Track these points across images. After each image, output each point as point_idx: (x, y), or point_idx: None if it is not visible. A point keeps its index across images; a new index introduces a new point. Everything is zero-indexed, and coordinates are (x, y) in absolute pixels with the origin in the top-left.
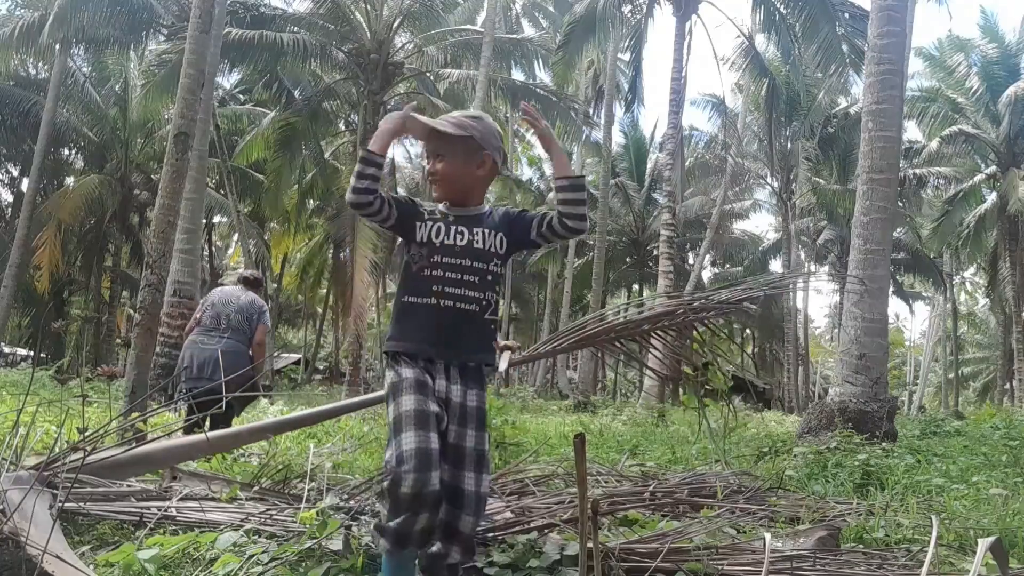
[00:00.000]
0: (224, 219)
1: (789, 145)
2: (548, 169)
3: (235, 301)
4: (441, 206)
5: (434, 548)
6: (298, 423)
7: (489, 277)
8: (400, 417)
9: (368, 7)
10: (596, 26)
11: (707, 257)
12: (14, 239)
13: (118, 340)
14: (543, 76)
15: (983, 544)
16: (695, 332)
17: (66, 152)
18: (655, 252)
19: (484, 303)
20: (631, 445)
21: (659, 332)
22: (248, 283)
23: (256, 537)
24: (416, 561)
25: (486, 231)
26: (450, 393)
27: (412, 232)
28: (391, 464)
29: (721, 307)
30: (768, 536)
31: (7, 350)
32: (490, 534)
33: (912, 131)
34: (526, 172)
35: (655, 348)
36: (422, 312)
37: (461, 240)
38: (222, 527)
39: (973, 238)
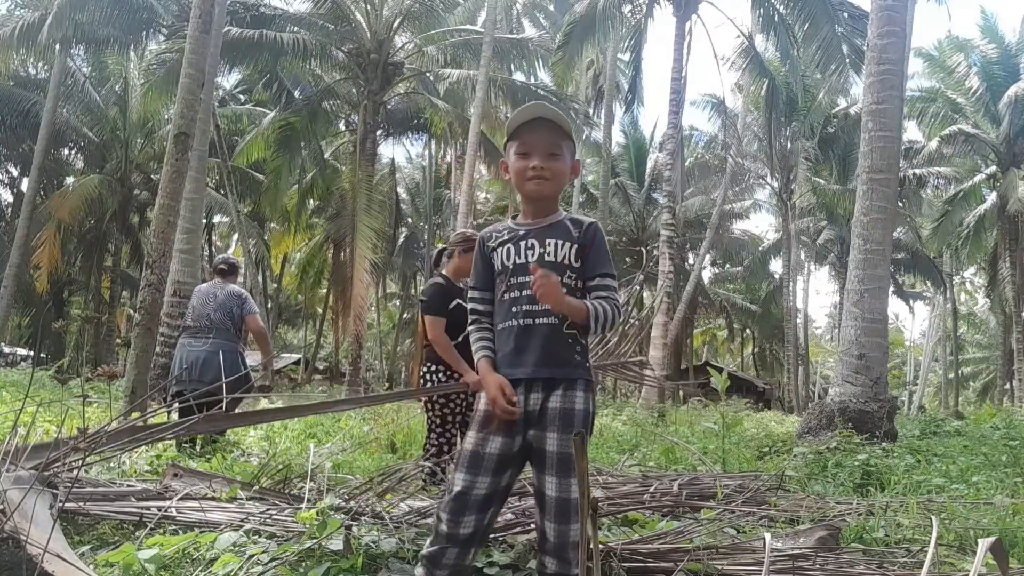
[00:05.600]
0: (224, 219)
1: (789, 145)
2: None
3: (213, 300)
4: (511, 221)
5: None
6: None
7: (564, 290)
8: (461, 454)
9: (368, 7)
10: (596, 26)
11: (707, 257)
12: (14, 239)
13: (118, 340)
14: (543, 76)
15: (983, 544)
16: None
17: (66, 152)
18: (655, 252)
19: (562, 315)
20: (631, 445)
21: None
22: (225, 273)
23: (256, 537)
24: None
25: (558, 242)
26: (530, 402)
27: (493, 269)
28: (445, 492)
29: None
30: (768, 536)
31: (7, 350)
32: (490, 535)
33: (912, 131)
34: None
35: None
36: (507, 334)
37: (532, 256)
38: (222, 527)
39: (973, 238)
